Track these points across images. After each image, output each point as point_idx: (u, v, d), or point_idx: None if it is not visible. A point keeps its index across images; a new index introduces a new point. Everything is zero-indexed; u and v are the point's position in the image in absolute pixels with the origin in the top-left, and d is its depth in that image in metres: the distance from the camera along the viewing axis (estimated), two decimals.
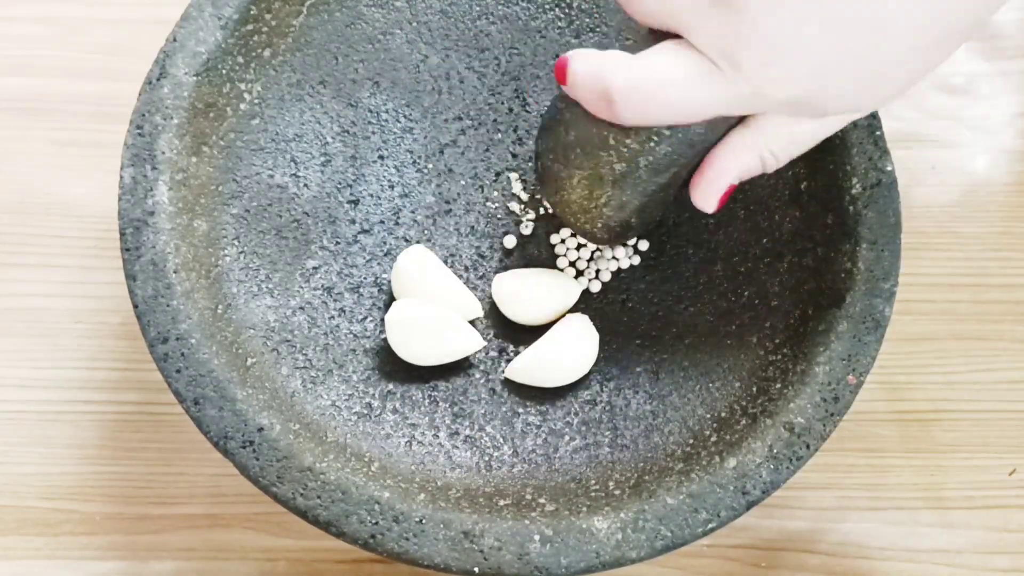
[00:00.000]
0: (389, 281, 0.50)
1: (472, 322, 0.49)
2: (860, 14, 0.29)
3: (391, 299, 0.50)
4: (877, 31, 0.29)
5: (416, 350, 0.47)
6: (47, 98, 0.61)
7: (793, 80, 0.32)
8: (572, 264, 0.52)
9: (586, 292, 0.52)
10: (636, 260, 0.52)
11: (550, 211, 0.53)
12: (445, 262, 0.51)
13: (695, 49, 0.34)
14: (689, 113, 0.36)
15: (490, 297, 0.50)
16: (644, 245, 0.52)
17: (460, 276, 0.51)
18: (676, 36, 0.37)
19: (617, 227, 0.46)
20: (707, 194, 0.42)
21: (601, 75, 0.37)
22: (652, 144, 0.40)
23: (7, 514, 0.53)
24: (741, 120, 0.40)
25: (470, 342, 0.48)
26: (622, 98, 0.37)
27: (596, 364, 0.49)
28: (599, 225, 0.46)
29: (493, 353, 0.50)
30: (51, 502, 0.53)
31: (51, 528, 0.53)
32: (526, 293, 0.49)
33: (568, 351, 0.48)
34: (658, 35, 0.38)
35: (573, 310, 0.51)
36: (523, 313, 0.49)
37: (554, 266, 0.52)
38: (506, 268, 0.52)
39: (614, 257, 0.52)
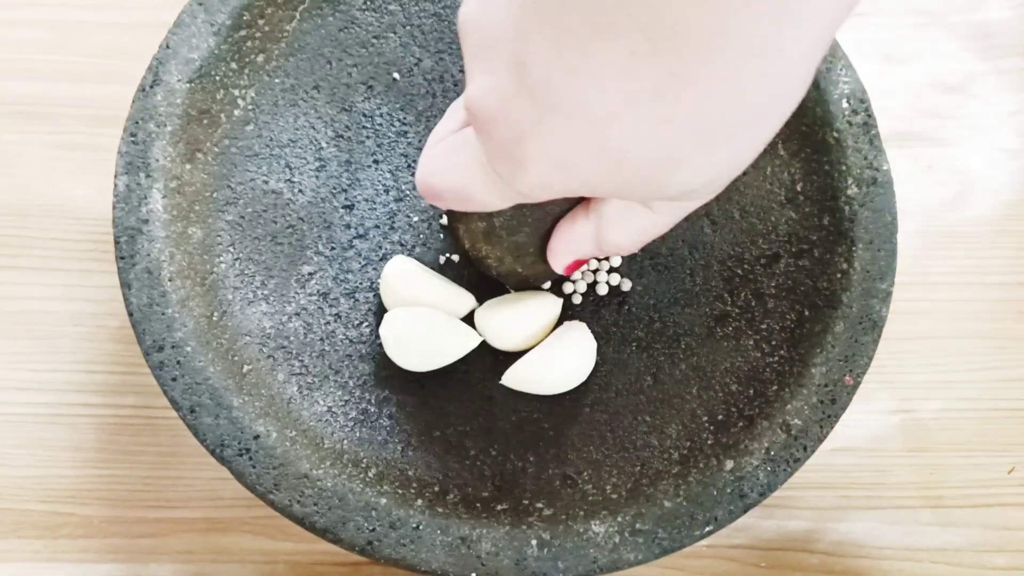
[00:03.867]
0: None
1: (469, 317, 0.49)
2: (591, 126, 0.28)
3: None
4: (619, 141, 0.28)
5: (416, 358, 0.47)
6: (47, 102, 0.61)
7: (550, 187, 0.31)
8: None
9: (584, 295, 0.52)
10: (627, 285, 0.52)
11: None
12: (441, 266, 0.51)
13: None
14: (475, 207, 0.35)
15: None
16: (616, 262, 0.52)
17: (457, 280, 0.51)
18: None
19: (509, 275, 0.46)
20: (554, 261, 0.43)
21: (422, 155, 0.37)
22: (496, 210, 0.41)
23: (5, 517, 0.53)
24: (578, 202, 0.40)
25: (467, 340, 0.48)
26: (418, 186, 0.37)
27: (593, 367, 0.49)
28: (493, 273, 0.46)
29: (489, 357, 0.50)
30: (49, 505, 0.53)
31: (49, 531, 0.53)
32: (511, 322, 0.49)
33: (565, 360, 0.48)
34: None
35: (571, 315, 0.51)
36: (510, 341, 0.49)
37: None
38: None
39: (612, 270, 0.52)
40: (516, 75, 0.28)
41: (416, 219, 0.52)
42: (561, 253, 0.42)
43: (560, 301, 0.50)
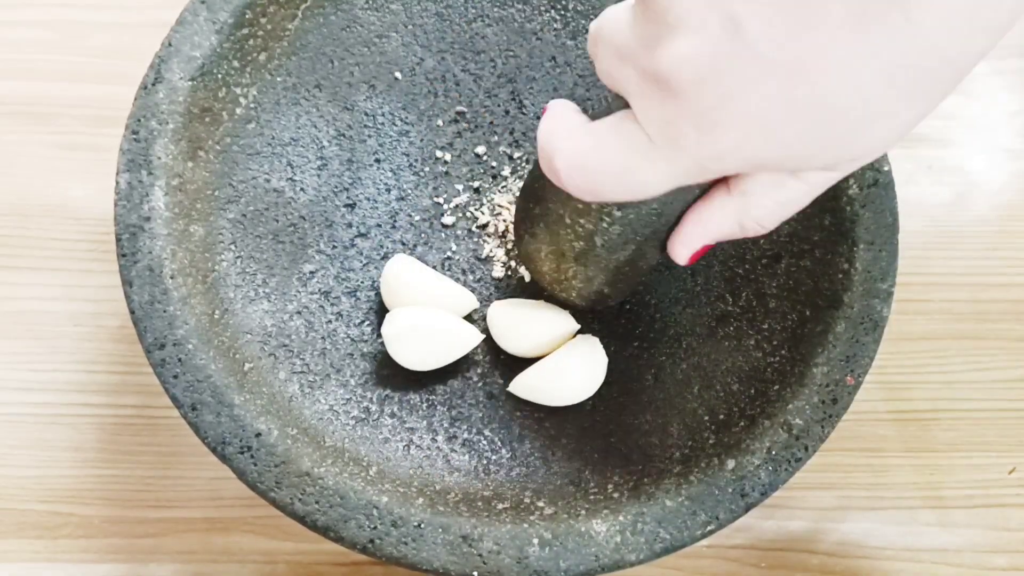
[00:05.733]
0: None
1: (469, 318, 0.49)
2: (805, 81, 0.27)
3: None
4: (830, 94, 0.28)
5: (418, 357, 0.47)
6: (48, 102, 0.61)
7: (737, 154, 0.30)
8: None
9: None
10: None
11: None
12: (442, 265, 0.51)
13: (639, 124, 0.32)
14: (635, 192, 0.34)
15: (486, 301, 0.50)
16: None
17: (457, 279, 0.51)
18: None
19: (592, 296, 0.46)
20: (680, 250, 0.40)
21: (551, 144, 0.35)
22: (604, 225, 0.40)
23: (6, 517, 0.53)
24: (715, 184, 0.37)
25: (469, 338, 0.48)
26: (565, 176, 0.35)
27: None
28: (573, 294, 0.46)
29: (490, 356, 0.50)
30: (49, 505, 0.53)
31: (50, 531, 0.53)
32: (522, 328, 0.49)
33: (576, 374, 0.48)
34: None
35: (573, 315, 0.51)
36: (517, 346, 0.49)
37: None
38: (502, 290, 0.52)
39: None
40: (730, 33, 0.27)
41: (417, 218, 0.52)
42: (694, 238, 0.39)
43: (577, 325, 0.49)
